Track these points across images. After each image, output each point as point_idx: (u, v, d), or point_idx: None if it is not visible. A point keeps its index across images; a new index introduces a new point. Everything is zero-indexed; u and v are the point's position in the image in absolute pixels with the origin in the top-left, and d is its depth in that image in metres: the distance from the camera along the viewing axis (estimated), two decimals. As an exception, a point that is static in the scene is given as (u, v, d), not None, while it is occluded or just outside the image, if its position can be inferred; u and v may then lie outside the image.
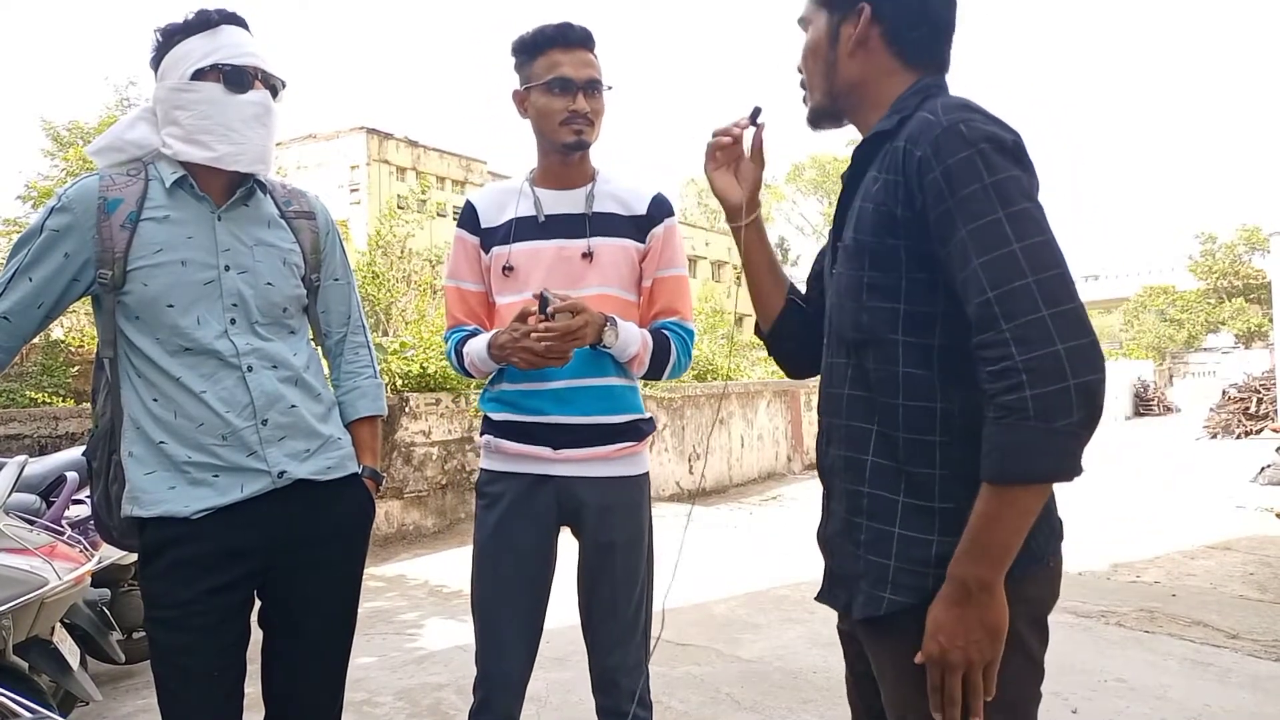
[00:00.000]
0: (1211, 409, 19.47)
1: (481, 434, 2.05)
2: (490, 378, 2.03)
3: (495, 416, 2.00)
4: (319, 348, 1.93)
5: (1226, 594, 5.20)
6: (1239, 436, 17.65)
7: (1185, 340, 39.50)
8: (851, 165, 1.36)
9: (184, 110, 1.65)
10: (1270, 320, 24.61)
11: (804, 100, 1.43)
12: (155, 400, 1.65)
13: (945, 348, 1.23)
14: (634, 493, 2.01)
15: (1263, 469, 10.51)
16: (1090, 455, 1.15)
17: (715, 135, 1.54)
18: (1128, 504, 8.83)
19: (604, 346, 1.88)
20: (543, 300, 1.75)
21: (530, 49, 1.95)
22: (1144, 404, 27.38)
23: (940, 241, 1.18)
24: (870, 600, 1.26)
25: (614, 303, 1.94)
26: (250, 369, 1.68)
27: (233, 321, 1.68)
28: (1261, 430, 17.08)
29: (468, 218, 2.06)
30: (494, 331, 1.93)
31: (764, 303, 1.58)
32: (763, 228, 1.57)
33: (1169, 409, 27.43)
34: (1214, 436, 18.15)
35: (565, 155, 1.97)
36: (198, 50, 1.65)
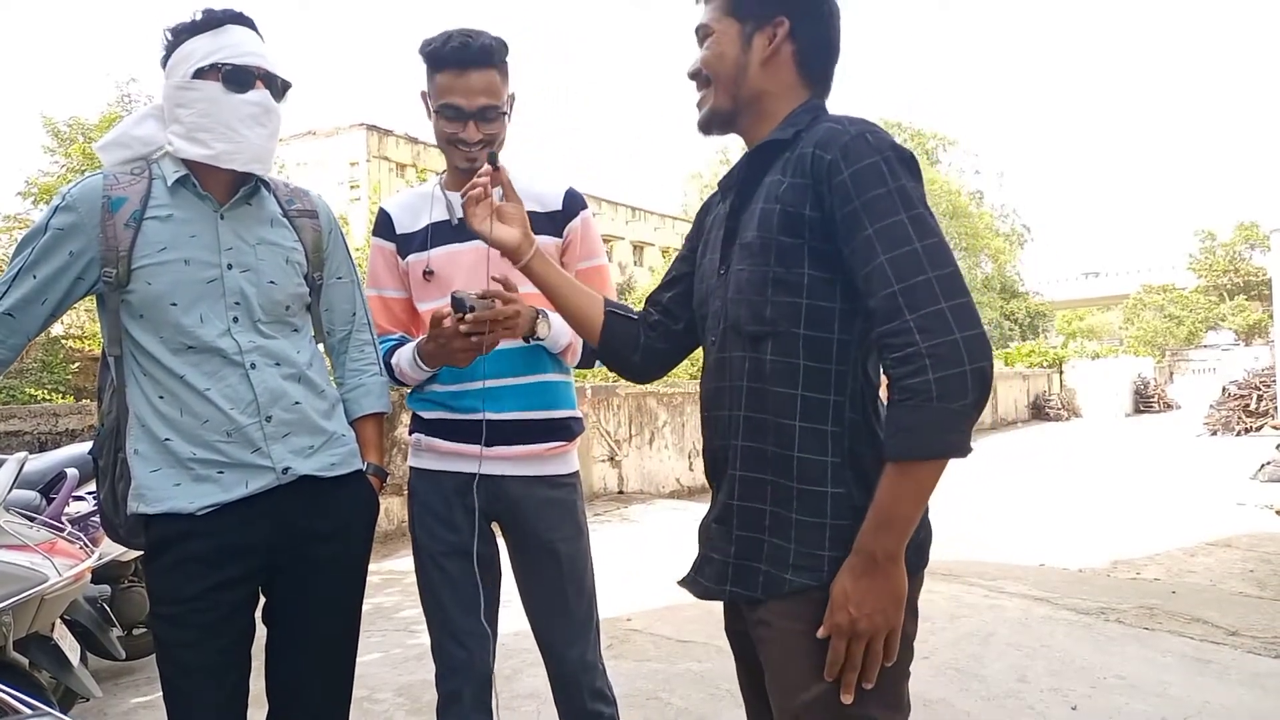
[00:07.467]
0: (1212, 406, 19.44)
1: (411, 432, 2.04)
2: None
3: (426, 415, 2.01)
4: (322, 345, 1.93)
5: (1226, 591, 5.20)
6: (1239, 433, 17.65)
7: (1185, 337, 39.47)
8: (745, 171, 1.44)
9: (185, 108, 1.66)
10: (1270, 317, 24.61)
11: (699, 104, 1.50)
12: (160, 398, 1.66)
13: (843, 341, 1.33)
14: (567, 491, 2.02)
15: (1263, 466, 10.49)
16: (1091, 452, 1.16)
17: (464, 194, 1.63)
18: (1127, 501, 8.84)
19: (537, 339, 1.88)
20: (458, 302, 1.73)
21: (429, 62, 1.93)
22: (1144, 401, 27.36)
23: (845, 239, 1.28)
24: (772, 580, 1.33)
25: (538, 298, 1.93)
26: (253, 366, 1.69)
27: (235, 319, 1.69)
28: (1262, 427, 17.09)
29: (383, 225, 2.06)
30: (418, 340, 1.93)
31: (582, 321, 1.66)
32: (544, 257, 1.66)
33: (1169, 406, 27.43)
34: (1214, 433, 18.15)
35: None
36: (201, 49, 1.66)
